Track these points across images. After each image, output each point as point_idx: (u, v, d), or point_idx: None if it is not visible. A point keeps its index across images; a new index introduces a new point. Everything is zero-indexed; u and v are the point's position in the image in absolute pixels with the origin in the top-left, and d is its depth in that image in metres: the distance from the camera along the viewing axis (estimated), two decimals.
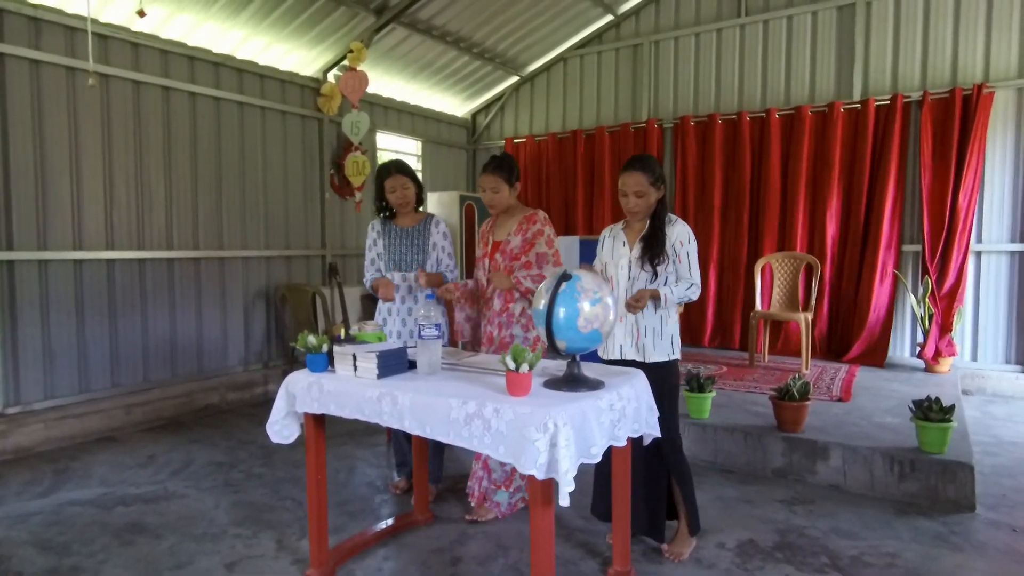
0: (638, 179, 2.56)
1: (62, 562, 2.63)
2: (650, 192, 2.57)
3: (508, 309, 2.98)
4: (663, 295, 2.51)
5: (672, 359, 2.62)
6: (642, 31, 6.98)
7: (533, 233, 2.96)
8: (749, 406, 4.14)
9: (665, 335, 2.60)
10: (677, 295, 2.53)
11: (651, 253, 2.56)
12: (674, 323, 2.64)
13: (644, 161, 2.60)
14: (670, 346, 2.61)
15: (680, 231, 2.59)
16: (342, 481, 3.55)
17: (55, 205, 4.32)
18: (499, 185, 2.97)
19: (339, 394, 2.27)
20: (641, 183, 2.56)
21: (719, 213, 6.48)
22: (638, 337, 2.59)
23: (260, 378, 5.45)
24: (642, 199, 2.58)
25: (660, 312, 2.59)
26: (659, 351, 2.59)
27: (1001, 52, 5.33)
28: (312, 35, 5.68)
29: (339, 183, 6.32)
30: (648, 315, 2.58)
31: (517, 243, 2.97)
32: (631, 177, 2.57)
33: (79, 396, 4.43)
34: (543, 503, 1.91)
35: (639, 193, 2.57)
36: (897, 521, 2.97)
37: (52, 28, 4.25)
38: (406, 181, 3.17)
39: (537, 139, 7.65)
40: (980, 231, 5.47)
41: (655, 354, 2.58)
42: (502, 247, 3.02)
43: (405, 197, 3.18)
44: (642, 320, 2.58)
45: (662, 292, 2.51)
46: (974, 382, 5.40)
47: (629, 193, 2.58)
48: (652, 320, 2.58)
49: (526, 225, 2.98)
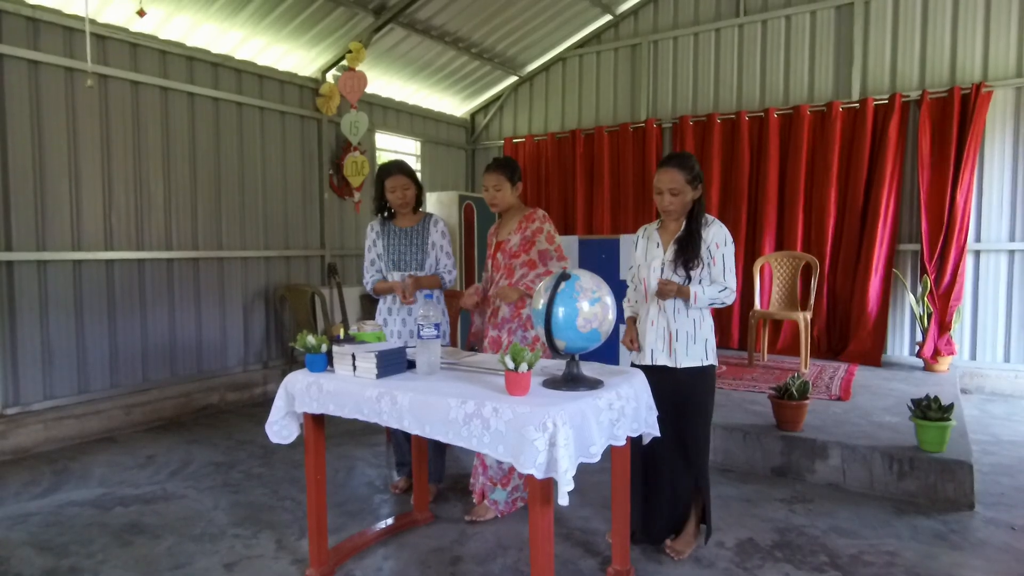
0: (674, 176, 2.46)
1: (61, 563, 2.63)
2: (686, 191, 2.48)
3: (520, 315, 2.98)
4: (693, 293, 2.43)
5: (706, 364, 2.54)
6: (641, 31, 6.98)
7: (532, 231, 2.97)
8: (748, 405, 4.15)
9: (699, 339, 2.52)
10: (709, 296, 2.45)
11: (685, 256, 2.48)
12: (708, 327, 2.55)
13: (681, 158, 2.50)
14: (703, 351, 2.52)
15: (717, 232, 2.51)
16: (341, 481, 3.55)
17: (54, 206, 4.31)
18: (501, 183, 3.00)
19: (338, 394, 2.27)
20: (677, 180, 2.46)
21: (718, 212, 6.47)
22: (670, 341, 2.52)
23: (259, 378, 5.45)
24: (677, 197, 2.48)
25: (693, 315, 2.51)
26: (692, 356, 2.51)
27: (999, 51, 5.34)
28: (311, 35, 5.68)
29: (338, 183, 6.32)
30: (680, 318, 2.51)
31: (516, 241, 2.99)
32: (667, 174, 2.48)
33: (78, 397, 4.43)
34: (542, 502, 1.91)
35: (674, 191, 2.47)
36: (896, 520, 2.97)
37: (50, 28, 4.25)
38: (407, 182, 3.17)
39: (536, 139, 7.65)
40: (979, 230, 5.48)
41: (687, 359, 2.51)
42: (503, 246, 3.05)
43: (405, 198, 3.17)
44: (674, 323, 2.51)
45: (693, 290, 2.44)
46: (973, 381, 5.41)
47: (664, 191, 2.49)
48: (684, 323, 2.51)
49: (525, 224, 3.00)
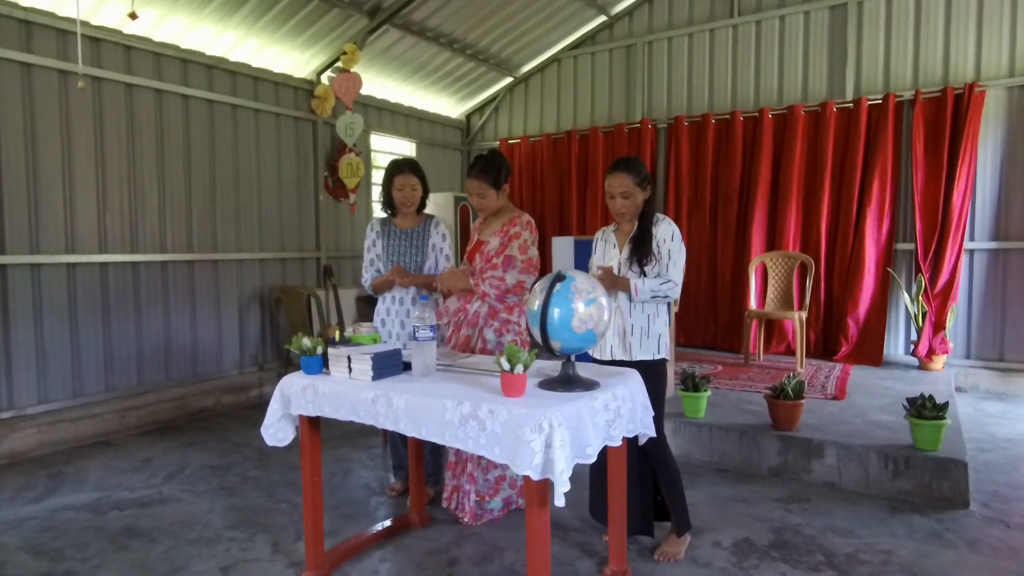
0: (623, 180, 2.57)
1: (56, 567, 2.62)
2: (636, 193, 2.59)
3: (465, 310, 2.96)
4: (633, 285, 2.51)
5: (658, 358, 2.62)
6: (635, 32, 7.00)
7: (510, 236, 2.94)
8: (744, 405, 4.15)
9: (652, 334, 2.60)
10: (649, 288, 2.51)
11: (639, 254, 2.58)
12: (662, 323, 2.64)
13: (629, 162, 2.61)
14: (656, 345, 2.61)
15: (664, 229, 2.60)
16: (338, 483, 3.54)
17: (47, 208, 4.30)
18: (484, 190, 2.93)
19: (334, 396, 2.27)
20: (626, 184, 2.57)
21: (712, 212, 6.50)
22: (625, 335, 2.59)
23: (255, 381, 5.44)
24: (628, 200, 2.59)
25: (647, 311, 2.60)
26: (645, 350, 2.59)
27: (992, 51, 5.36)
28: (305, 37, 5.67)
29: (333, 185, 6.31)
30: (635, 314, 2.59)
31: (495, 245, 2.96)
32: (616, 178, 2.59)
33: (73, 400, 4.41)
34: (539, 504, 1.91)
35: (625, 194, 2.58)
36: (892, 518, 2.98)
37: (43, 31, 4.23)
38: (416, 182, 3.18)
39: (531, 140, 7.65)
40: (973, 229, 5.50)
41: (641, 352, 2.59)
42: (482, 248, 3.00)
43: (412, 198, 3.17)
44: (629, 319, 2.59)
45: (633, 282, 2.51)
46: (967, 379, 5.43)
47: (615, 194, 2.60)
48: (639, 319, 2.59)
49: (507, 227, 2.96)
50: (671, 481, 2.66)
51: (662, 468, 2.65)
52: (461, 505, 2.98)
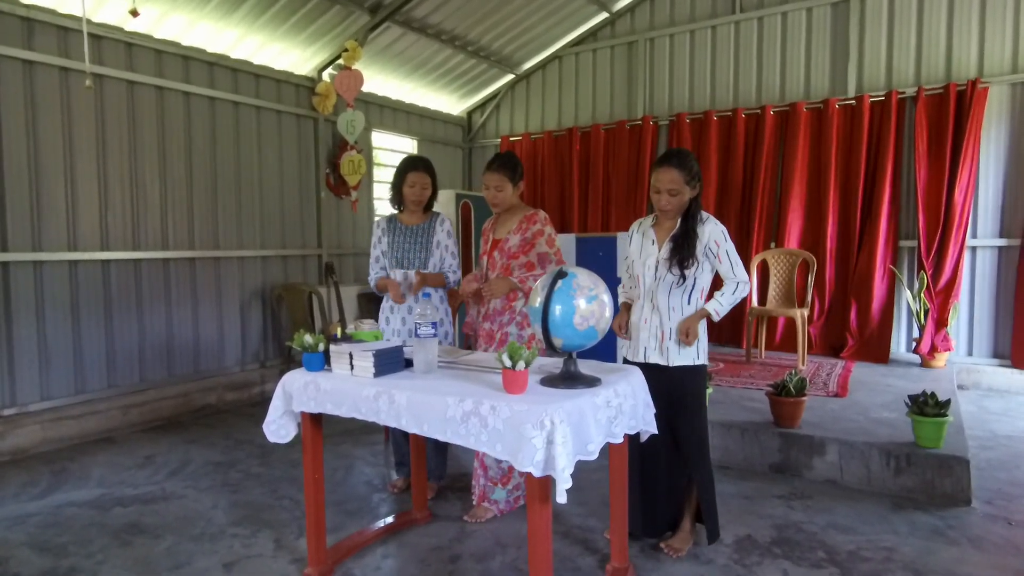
0: (673, 176, 2.42)
1: (60, 563, 2.63)
2: (684, 191, 2.44)
3: (511, 307, 2.98)
4: (713, 312, 2.42)
5: (698, 364, 2.54)
6: (637, 28, 6.98)
7: (533, 233, 2.94)
8: (746, 402, 4.15)
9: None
10: (727, 304, 2.44)
11: (680, 256, 2.45)
12: (701, 326, 2.54)
13: (681, 157, 2.45)
14: (695, 350, 2.52)
15: (713, 231, 2.47)
16: (340, 480, 3.55)
17: (50, 206, 4.30)
18: (503, 184, 2.96)
19: (336, 393, 2.27)
20: (676, 180, 2.42)
21: (714, 210, 6.47)
22: (662, 339, 2.51)
23: (257, 378, 5.45)
24: (676, 197, 2.44)
25: (687, 313, 2.51)
26: (684, 355, 2.51)
27: (995, 47, 5.34)
28: (307, 34, 5.67)
29: (335, 182, 6.31)
30: (674, 317, 2.50)
31: (516, 242, 2.96)
32: (666, 173, 2.42)
33: (75, 397, 4.42)
34: (540, 500, 1.91)
35: (673, 191, 2.43)
36: (894, 515, 2.98)
37: (45, 28, 4.23)
38: (428, 181, 3.19)
39: (533, 137, 7.65)
40: (975, 226, 5.49)
41: (679, 358, 2.51)
42: (501, 245, 3.01)
43: (422, 196, 3.19)
44: (667, 322, 2.50)
45: (710, 310, 2.42)
46: (969, 377, 5.42)
47: (663, 190, 2.44)
48: (677, 322, 2.51)
49: (526, 224, 2.96)
50: (706, 486, 2.59)
51: (701, 472, 2.58)
52: (473, 488, 3.07)
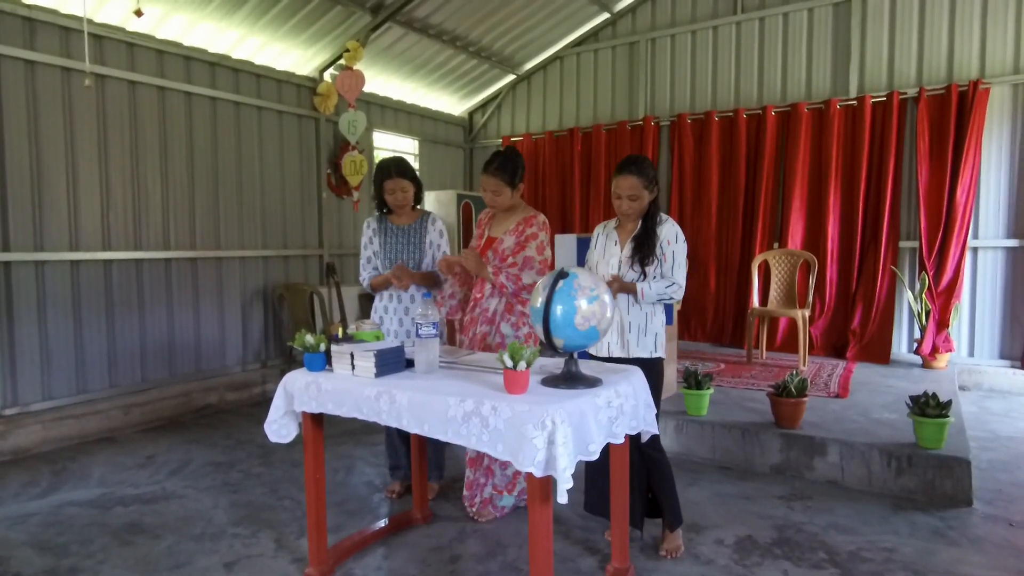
0: (632, 183, 2.55)
1: (60, 563, 2.63)
2: (644, 195, 2.57)
3: (479, 303, 2.94)
4: (640, 289, 2.53)
5: (655, 356, 2.62)
6: (638, 29, 6.98)
7: (527, 236, 2.91)
8: (747, 403, 4.15)
9: (649, 332, 2.61)
10: (655, 292, 2.54)
11: (641, 254, 2.57)
12: (659, 322, 2.65)
13: (638, 163, 2.58)
14: (653, 343, 2.62)
15: (668, 230, 2.60)
16: (341, 480, 3.55)
17: (51, 206, 4.31)
18: (500, 188, 2.90)
19: (337, 393, 2.27)
20: (635, 186, 2.55)
21: (716, 210, 6.49)
22: (623, 332, 2.61)
23: (258, 378, 5.45)
24: (636, 202, 2.57)
25: (645, 310, 2.60)
26: (642, 347, 2.60)
27: (997, 48, 5.34)
28: (308, 34, 5.67)
29: (336, 182, 6.32)
30: (633, 312, 2.60)
31: (510, 243, 2.92)
32: (625, 180, 2.56)
33: (77, 397, 4.43)
34: (541, 500, 1.91)
35: (632, 196, 2.56)
36: (894, 516, 2.98)
37: (47, 28, 4.24)
38: (406, 184, 3.11)
39: (534, 137, 7.65)
40: (977, 227, 5.49)
41: (638, 350, 2.60)
42: (495, 245, 2.97)
43: (404, 199, 3.13)
44: (627, 316, 2.60)
45: (639, 287, 2.53)
46: (971, 378, 5.41)
47: (623, 196, 2.58)
48: (637, 317, 2.60)
49: (522, 227, 2.93)
50: (666, 478, 2.65)
51: (660, 465, 2.64)
52: (468, 498, 3.01)
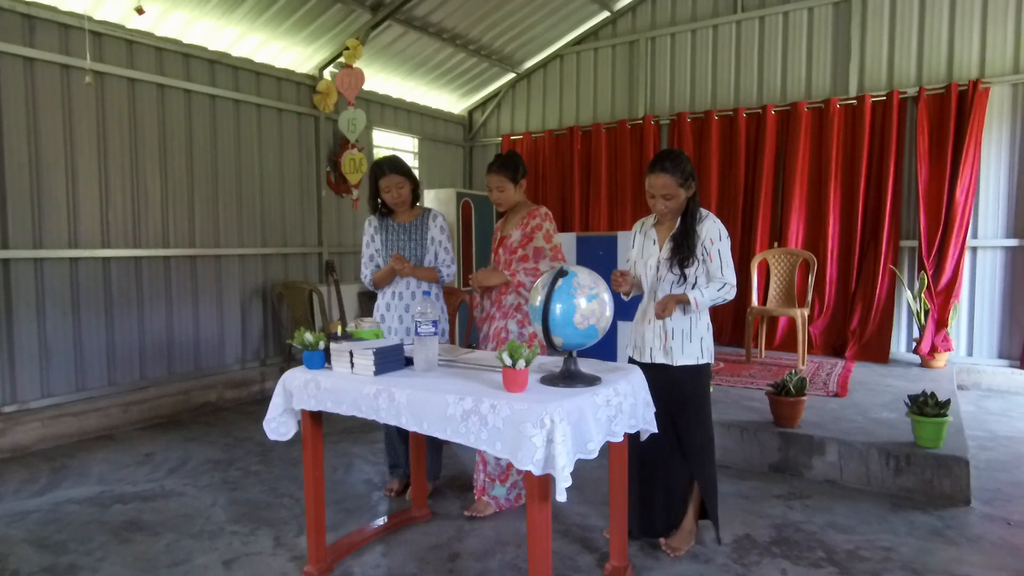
0: (665, 181, 2.41)
1: (59, 560, 2.63)
2: (679, 193, 2.43)
3: (501, 301, 3.03)
4: (692, 299, 2.40)
5: (702, 363, 2.53)
6: (638, 27, 6.98)
7: (532, 228, 3.00)
8: (746, 402, 4.15)
9: (694, 338, 2.51)
10: (708, 298, 2.42)
11: (681, 255, 2.45)
12: (704, 326, 2.54)
13: (673, 160, 2.42)
14: (699, 349, 2.52)
15: (710, 228, 2.46)
16: (339, 478, 3.55)
17: (50, 203, 4.30)
18: (504, 184, 3.02)
19: (336, 391, 2.28)
20: (669, 186, 2.41)
21: (716, 209, 6.48)
22: (666, 340, 2.51)
23: (257, 376, 5.45)
24: (671, 201, 2.44)
25: (689, 314, 2.50)
26: (687, 354, 2.50)
27: (997, 47, 5.34)
28: (308, 32, 5.67)
29: (335, 180, 6.31)
30: (676, 317, 2.50)
31: (517, 238, 3.02)
32: (658, 179, 2.41)
33: (76, 394, 4.43)
34: (540, 498, 1.91)
35: (667, 196, 2.43)
36: (893, 515, 2.99)
37: (46, 26, 4.23)
38: (401, 181, 3.10)
39: (534, 136, 7.64)
40: (976, 226, 5.49)
41: (683, 357, 2.50)
42: (505, 241, 3.07)
43: (401, 196, 3.12)
44: (670, 323, 2.50)
45: (691, 296, 2.40)
46: (969, 377, 5.42)
47: (657, 196, 2.44)
48: (680, 322, 2.50)
49: (526, 220, 3.02)
50: (710, 488, 2.59)
51: (703, 474, 2.57)
52: (475, 481, 3.09)
